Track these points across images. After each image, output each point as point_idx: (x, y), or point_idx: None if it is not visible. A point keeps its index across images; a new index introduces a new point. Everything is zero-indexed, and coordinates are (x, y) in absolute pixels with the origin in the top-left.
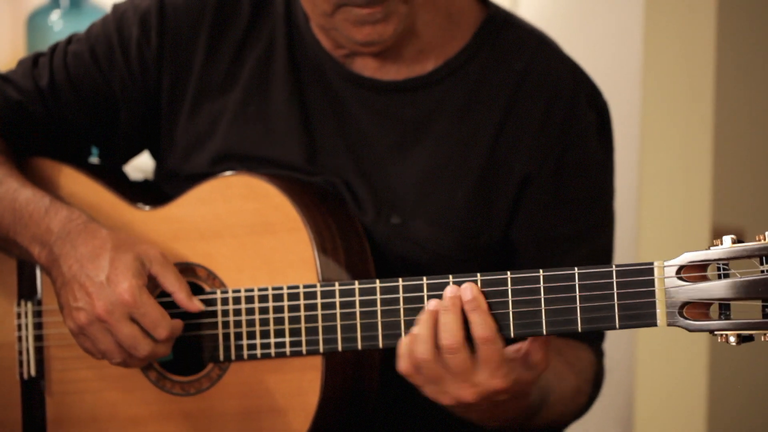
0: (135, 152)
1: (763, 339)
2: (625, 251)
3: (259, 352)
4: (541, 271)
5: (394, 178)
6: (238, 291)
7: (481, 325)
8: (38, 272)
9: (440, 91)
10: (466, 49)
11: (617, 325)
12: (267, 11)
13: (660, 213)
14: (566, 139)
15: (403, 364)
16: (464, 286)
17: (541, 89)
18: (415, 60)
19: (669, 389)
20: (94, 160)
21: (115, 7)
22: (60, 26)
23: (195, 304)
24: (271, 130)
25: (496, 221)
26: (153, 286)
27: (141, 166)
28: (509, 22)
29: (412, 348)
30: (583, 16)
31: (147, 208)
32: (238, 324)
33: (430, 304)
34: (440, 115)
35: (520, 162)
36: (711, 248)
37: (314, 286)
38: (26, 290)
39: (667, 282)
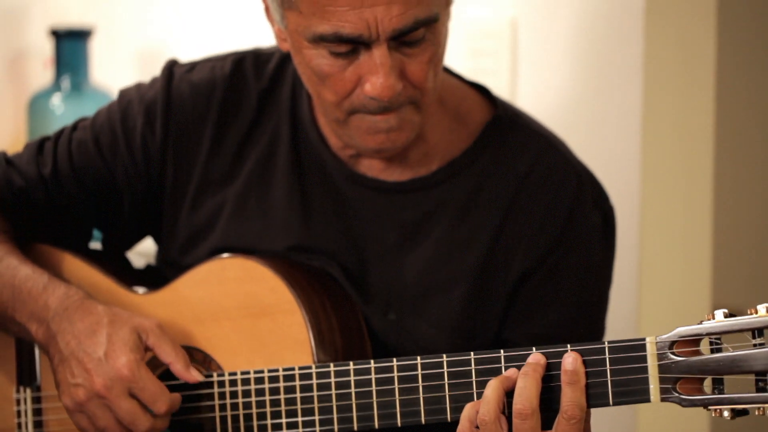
0: (137, 239)
1: (757, 413)
2: (625, 327)
3: None
4: (534, 348)
5: (393, 277)
6: (235, 374)
7: (574, 402)
8: (37, 358)
9: (442, 191)
10: (471, 150)
11: (611, 402)
12: (273, 106)
13: (661, 291)
14: (568, 238)
15: (460, 428)
16: (568, 355)
17: (544, 190)
18: (420, 162)
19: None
20: (96, 245)
21: (122, 93)
22: (62, 110)
23: (192, 375)
24: (270, 226)
25: (492, 323)
26: (156, 363)
27: (144, 250)
28: (516, 122)
29: (476, 409)
30: (583, 93)
31: (144, 292)
32: (234, 407)
33: (507, 371)
34: (440, 216)
35: (518, 261)
36: (703, 323)
37: (309, 367)
38: (25, 376)
39: (660, 358)
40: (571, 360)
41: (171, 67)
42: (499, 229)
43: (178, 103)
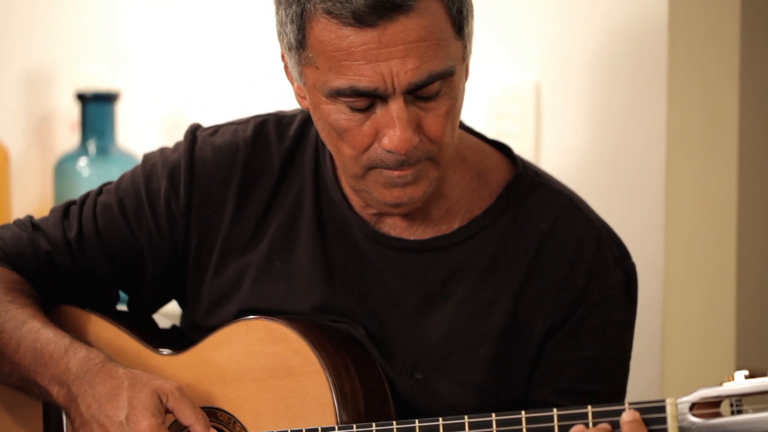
0: (162, 303)
1: None
2: (649, 386)
3: None
4: (555, 410)
5: (417, 337)
6: None
7: None
8: (64, 417)
9: (464, 250)
10: (492, 208)
11: None
12: (296, 168)
13: (684, 351)
14: (590, 297)
15: None
16: (625, 414)
17: (565, 248)
18: (442, 219)
19: None
20: (122, 306)
21: (146, 158)
22: (88, 173)
23: None
24: (294, 288)
25: (518, 380)
26: (180, 427)
27: (169, 312)
28: (537, 181)
29: None
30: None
31: (169, 353)
32: None
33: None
34: (463, 274)
35: (541, 320)
36: (724, 384)
37: (333, 428)
38: None
39: (680, 419)
40: (629, 413)
41: (194, 131)
42: (521, 288)
43: (201, 166)
